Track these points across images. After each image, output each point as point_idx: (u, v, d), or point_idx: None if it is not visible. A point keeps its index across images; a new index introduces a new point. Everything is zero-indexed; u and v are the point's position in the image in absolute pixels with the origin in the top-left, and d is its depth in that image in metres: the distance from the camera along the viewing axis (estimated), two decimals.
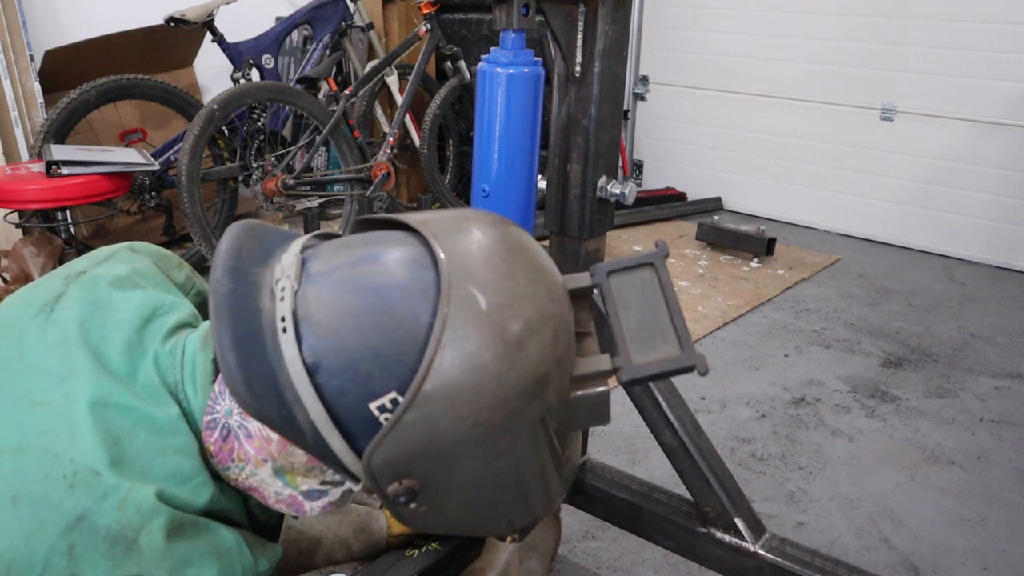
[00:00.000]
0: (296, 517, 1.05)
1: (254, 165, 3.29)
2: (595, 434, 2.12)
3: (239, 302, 0.71)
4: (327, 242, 0.80)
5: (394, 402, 0.71)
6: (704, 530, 1.29)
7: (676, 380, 1.35)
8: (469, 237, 0.75)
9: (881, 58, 3.62)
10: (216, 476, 0.77)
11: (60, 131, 2.77)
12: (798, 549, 1.24)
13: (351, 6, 3.64)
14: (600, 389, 0.78)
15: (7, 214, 2.78)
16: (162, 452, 0.73)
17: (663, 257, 0.83)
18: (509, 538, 1.24)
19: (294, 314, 0.71)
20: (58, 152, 2.58)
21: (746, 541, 1.25)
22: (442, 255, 0.72)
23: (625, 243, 3.72)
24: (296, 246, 0.78)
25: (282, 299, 0.72)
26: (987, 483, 1.96)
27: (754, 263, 3.47)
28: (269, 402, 0.70)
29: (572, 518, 1.74)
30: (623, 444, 2.09)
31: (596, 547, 1.71)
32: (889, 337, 2.78)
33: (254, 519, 0.87)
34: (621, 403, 2.19)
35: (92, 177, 2.55)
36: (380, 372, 0.70)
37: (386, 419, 0.71)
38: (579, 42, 1.21)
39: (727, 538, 1.27)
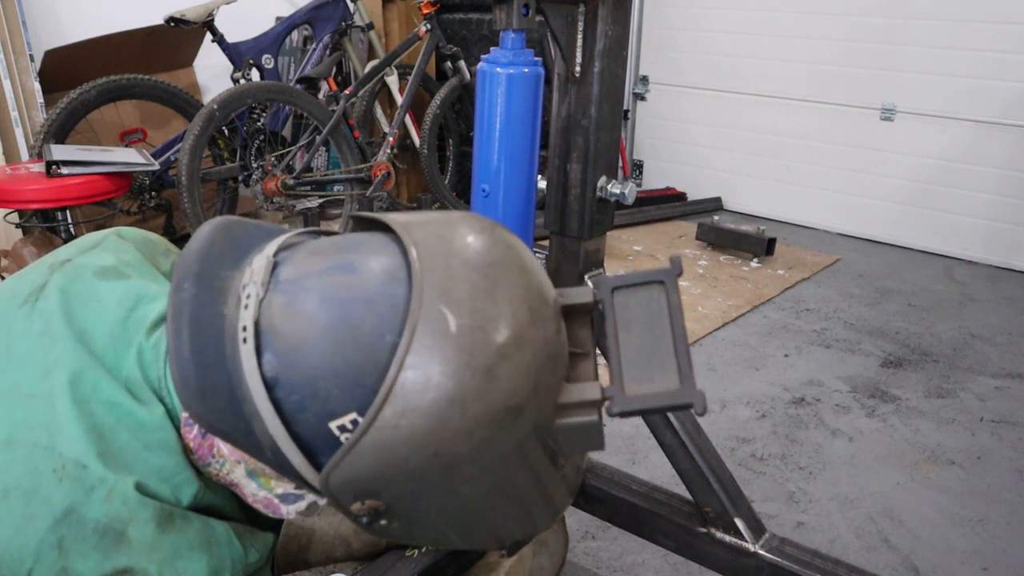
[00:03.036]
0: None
1: (254, 165, 3.29)
2: None
3: (201, 308, 0.68)
4: (304, 245, 0.76)
5: (354, 423, 0.67)
6: (704, 530, 1.29)
7: None
8: (451, 248, 0.70)
9: (881, 58, 3.62)
10: (200, 472, 0.77)
11: (60, 131, 2.78)
12: (798, 549, 1.24)
13: (351, 6, 3.64)
14: (587, 419, 0.72)
15: (7, 214, 2.78)
16: (145, 449, 0.72)
17: (676, 275, 0.75)
18: (498, 553, 1.21)
19: (256, 324, 0.68)
20: (58, 152, 2.58)
21: (746, 541, 1.25)
22: (417, 267, 0.68)
23: (625, 243, 3.72)
24: (271, 248, 0.74)
25: (246, 307, 0.68)
26: (987, 483, 1.96)
27: (754, 263, 3.47)
28: (224, 414, 0.67)
29: (572, 518, 1.74)
30: (623, 444, 2.09)
31: (596, 547, 1.71)
32: (889, 337, 2.78)
33: (255, 514, 0.87)
34: None
35: (92, 177, 2.55)
36: (340, 392, 0.67)
37: (346, 439, 0.67)
38: (579, 42, 1.21)
39: (727, 538, 1.27)
